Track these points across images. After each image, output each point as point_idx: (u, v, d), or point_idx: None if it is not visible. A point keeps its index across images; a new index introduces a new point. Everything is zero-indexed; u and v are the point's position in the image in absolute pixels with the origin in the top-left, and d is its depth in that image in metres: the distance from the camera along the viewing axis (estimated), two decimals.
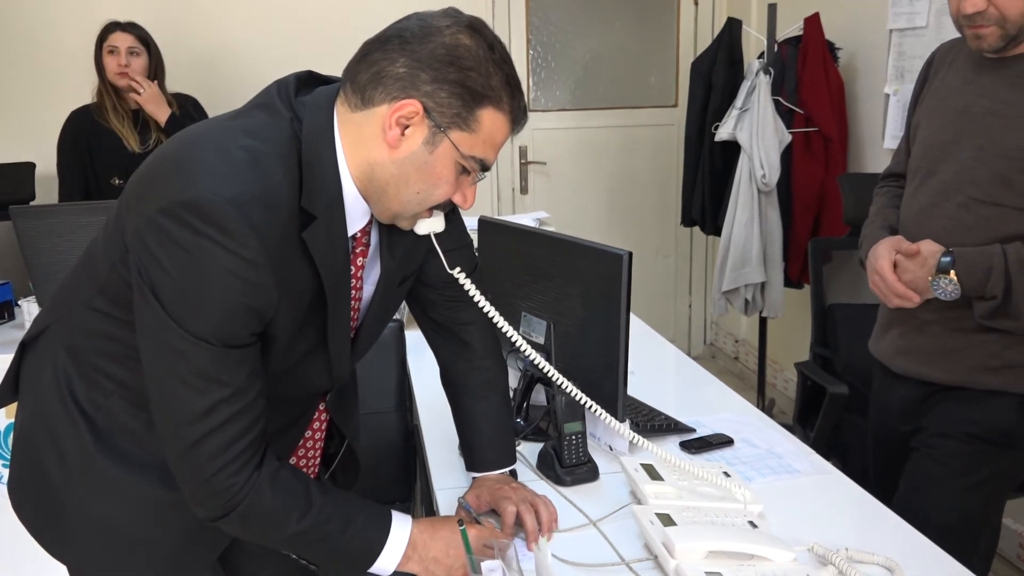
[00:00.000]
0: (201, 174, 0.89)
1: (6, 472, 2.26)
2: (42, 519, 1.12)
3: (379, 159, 0.97)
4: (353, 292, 1.08)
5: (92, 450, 1.06)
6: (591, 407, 1.24)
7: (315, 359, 1.08)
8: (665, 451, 1.23)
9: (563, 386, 1.21)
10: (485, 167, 1.00)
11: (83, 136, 2.80)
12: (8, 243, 2.60)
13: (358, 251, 1.06)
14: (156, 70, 2.80)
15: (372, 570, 1.07)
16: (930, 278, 1.38)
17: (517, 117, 1.00)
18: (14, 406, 1.18)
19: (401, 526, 1.08)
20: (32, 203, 3.01)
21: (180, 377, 0.93)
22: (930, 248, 1.40)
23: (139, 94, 2.73)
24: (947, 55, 1.53)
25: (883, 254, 1.45)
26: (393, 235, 1.09)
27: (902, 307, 1.44)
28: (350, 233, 1.03)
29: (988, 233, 1.38)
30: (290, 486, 1.00)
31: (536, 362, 1.20)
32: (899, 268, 1.43)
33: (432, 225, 1.06)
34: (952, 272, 1.35)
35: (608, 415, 1.23)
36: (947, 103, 1.47)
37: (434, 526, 1.11)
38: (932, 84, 1.54)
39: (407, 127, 0.95)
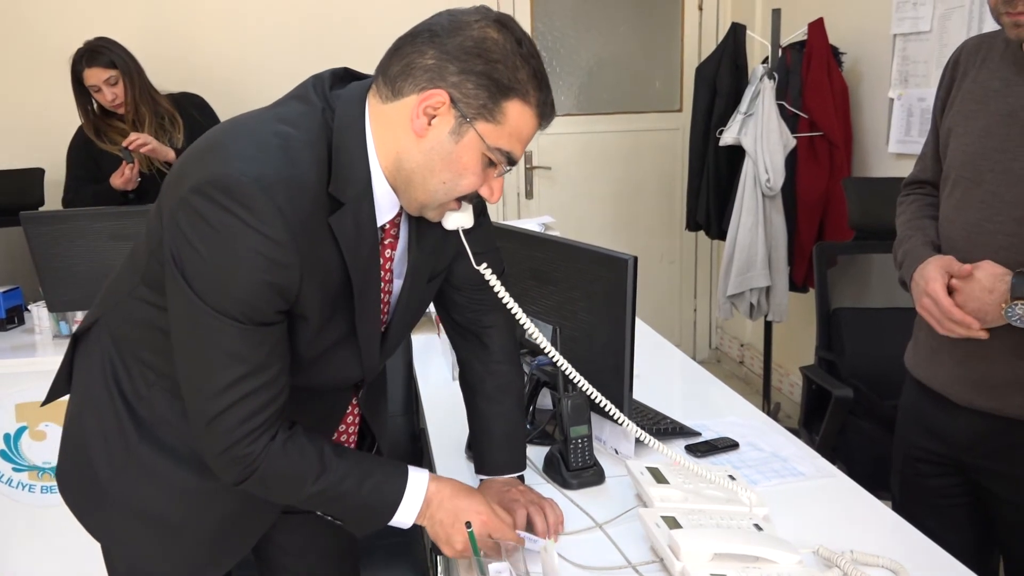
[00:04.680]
0: (231, 155, 0.93)
1: (16, 476, 2.28)
2: (86, 503, 1.17)
3: (406, 148, 0.99)
4: (383, 285, 1.09)
5: (134, 439, 1.11)
6: (607, 407, 1.23)
7: (346, 348, 1.09)
8: (673, 450, 1.23)
9: (581, 386, 1.20)
10: (511, 160, 1.01)
11: (89, 154, 2.81)
12: (19, 248, 2.63)
13: (387, 242, 1.07)
14: (138, 80, 2.75)
15: (392, 523, 1.10)
16: (1004, 304, 1.21)
17: (544, 111, 1.01)
18: (56, 403, 1.24)
19: (418, 481, 1.10)
20: (41, 208, 3.03)
21: (205, 353, 0.96)
22: (994, 270, 1.24)
23: (150, 148, 2.71)
24: (976, 53, 1.39)
25: (934, 276, 1.29)
26: (422, 228, 1.11)
27: (955, 334, 1.28)
28: (379, 223, 1.04)
29: None
30: (304, 451, 1.03)
31: (555, 359, 1.19)
32: (960, 294, 1.27)
33: (460, 220, 1.07)
34: None
35: (621, 413, 1.23)
36: (988, 107, 1.33)
37: (453, 490, 1.13)
38: (962, 85, 1.40)
39: (434, 117, 0.97)
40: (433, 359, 2.09)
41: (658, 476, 1.29)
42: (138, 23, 3.38)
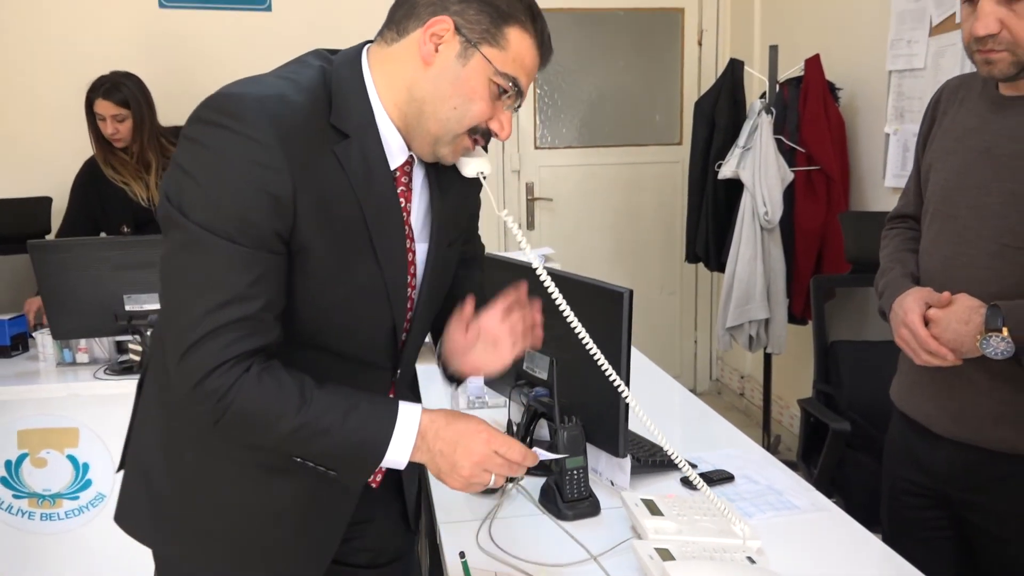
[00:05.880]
0: (230, 86, 0.98)
1: (16, 503, 2.29)
2: (153, 527, 1.14)
3: (416, 79, 1.03)
4: (408, 243, 1.10)
5: (185, 449, 1.10)
6: (612, 378, 1.19)
7: (373, 288, 1.07)
8: (682, 461, 1.23)
9: (583, 339, 1.16)
10: (518, 87, 1.05)
11: (94, 188, 2.85)
12: (25, 275, 2.66)
13: (399, 191, 1.09)
14: (148, 124, 2.80)
15: (386, 463, 1.03)
16: (979, 336, 1.24)
17: (543, 42, 1.06)
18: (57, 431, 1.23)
19: (409, 413, 1.04)
20: (48, 236, 3.06)
21: (188, 281, 0.95)
22: (969, 303, 1.27)
23: None
24: (956, 92, 1.45)
25: (912, 307, 1.33)
26: (443, 179, 1.13)
27: (930, 364, 1.31)
28: (390, 167, 1.06)
29: None
30: (282, 383, 0.98)
31: (562, 308, 1.18)
32: (937, 326, 1.30)
33: (479, 165, 1.10)
34: (1004, 329, 1.22)
35: (624, 386, 1.20)
36: (964, 143, 1.37)
37: (448, 418, 1.06)
38: (942, 123, 1.45)
39: (440, 44, 1.01)
40: (434, 388, 2.10)
41: (652, 508, 1.30)
42: (149, 55, 3.44)
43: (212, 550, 1.12)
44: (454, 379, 1.27)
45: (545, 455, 1.15)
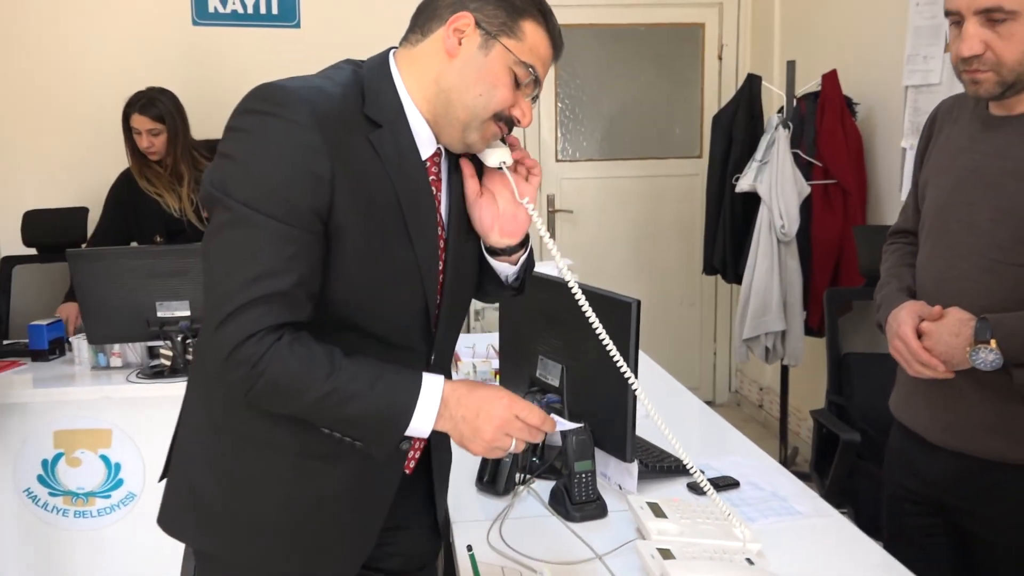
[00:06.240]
0: (270, 81, 1.07)
1: (52, 500, 2.38)
2: (199, 532, 1.17)
3: (443, 71, 1.11)
4: (440, 230, 1.16)
5: (229, 443, 1.14)
6: (618, 362, 1.23)
7: (407, 274, 1.13)
8: (702, 476, 1.27)
9: (585, 310, 1.21)
10: (536, 76, 1.13)
11: (129, 199, 2.95)
12: (61, 283, 2.77)
13: (430, 180, 1.16)
14: (181, 138, 2.90)
15: (410, 431, 1.06)
16: (969, 348, 1.29)
17: (554, 35, 1.14)
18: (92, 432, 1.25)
19: (432, 382, 1.08)
20: (83, 246, 3.16)
21: (228, 254, 1.02)
22: (960, 315, 1.33)
23: None
24: (950, 111, 1.50)
25: (905, 319, 1.38)
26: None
27: (923, 376, 1.36)
28: (421, 157, 1.14)
29: (1015, 295, 1.32)
30: (312, 351, 1.03)
31: (570, 285, 1.24)
32: (930, 338, 1.35)
33: (502, 155, 1.17)
34: (993, 341, 1.27)
35: (627, 368, 1.25)
36: (956, 161, 1.43)
37: (469, 386, 1.10)
38: (937, 141, 1.50)
39: (462, 37, 1.10)
40: None
41: (657, 510, 1.35)
42: (183, 71, 3.55)
43: (254, 545, 1.16)
44: (516, 281, 1.33)
45: (563, 423, 1.20)
